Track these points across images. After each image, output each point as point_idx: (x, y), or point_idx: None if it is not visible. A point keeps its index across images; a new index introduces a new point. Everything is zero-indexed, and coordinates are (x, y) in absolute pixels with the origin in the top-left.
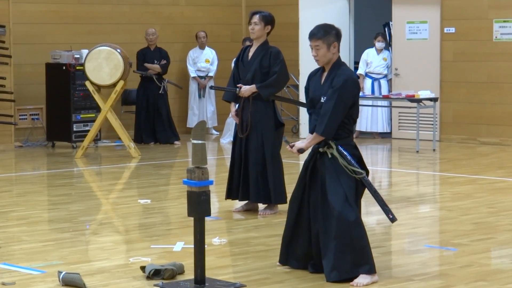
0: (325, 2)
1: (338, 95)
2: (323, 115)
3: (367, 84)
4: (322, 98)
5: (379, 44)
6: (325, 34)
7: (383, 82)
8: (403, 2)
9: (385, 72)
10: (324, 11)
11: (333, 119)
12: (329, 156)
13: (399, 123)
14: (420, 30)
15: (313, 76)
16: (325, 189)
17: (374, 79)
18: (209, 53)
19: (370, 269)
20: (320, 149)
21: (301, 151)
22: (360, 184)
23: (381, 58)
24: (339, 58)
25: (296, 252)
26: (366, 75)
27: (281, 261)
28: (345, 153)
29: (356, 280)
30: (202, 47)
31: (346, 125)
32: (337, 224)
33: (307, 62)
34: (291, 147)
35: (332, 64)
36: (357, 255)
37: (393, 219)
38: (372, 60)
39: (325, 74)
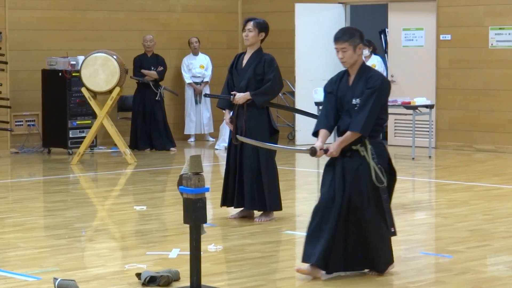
0: (321, 9)
1: (376, 95)
2: (360, 114)
3: None
4: (353, 100)
5: (364, 52)
6: (351, 36)
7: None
8: (399, 9)
9: None
10: (320, 18)
11: (370, 117)
12: (362, 154)
13: (395, 130)
14: (416, 37)
15: (338, 80)
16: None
17: None
18: (203, 59)
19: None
20: (353, 147)
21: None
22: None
23: (369, 65)
24: (363, 60)
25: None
26: None
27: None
28: (376, 155)
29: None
30: (195, 53)
31: (377, 125)
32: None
33: (303, 69)
34: (325, 152)
35: (360, 66)
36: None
37: (393, 233)
38: None
39: (353, 76)
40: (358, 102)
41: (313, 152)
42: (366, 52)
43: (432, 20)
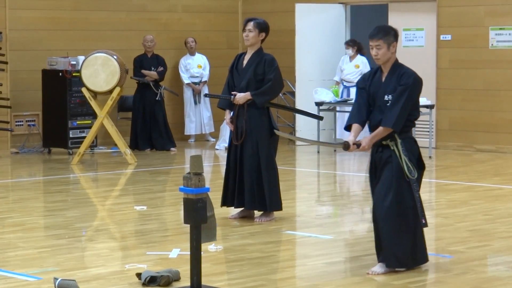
0: (321, 9)
1: (409, 91)
2: (393, 110)
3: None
4: (386, 96)
5: (348, 52)
6: (385, 34)
7: (334, 90)
8: (399, 9)
9: (357, 79)
10: (320, 18)
11: (402, 113)
12: (392, 148)
13: None
14: (416, 37)
15: (371, 76)
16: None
17: (344, 87)
18: (200, 59)
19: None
20: (384, 142)
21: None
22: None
23: (353, 65)
24: (396, 58)
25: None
26: (342, 82)
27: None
28: (405, 149)
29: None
30: (192, 53)
31: (408, 121)
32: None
33: (303, 69)
34: (358, 146)
35: (393, 64)
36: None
37: (424, 225)
38: (345, 67)
39: (386, 73)
40: (390, 99)
41: (346, 146)
42: (350, 52)
43: (432, 20)
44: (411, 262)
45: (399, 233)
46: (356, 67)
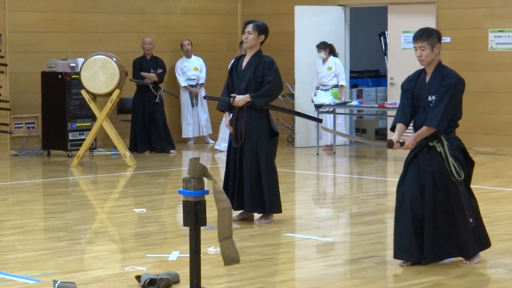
0: (321, 12)
1: (452, 92)
2: (436, 110)
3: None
4: (429, 97)
5: (320, 55)
6: (429, 36)
7: (334, 92)
8: (399, 12)
9: (332, 82)
10: (320, 20)
11: (445, 114)
12: (438, 150)
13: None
14: None
15: (415, 78)
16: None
17: (322, 91)
18: (196, 61)
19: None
20: (430, 143)
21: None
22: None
23: (325, 68)
24: (440, 59)
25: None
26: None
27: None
28: (452, 150)
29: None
30: (188, 56)
31: (451, 121)
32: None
33: (302, 71)
34: (402, 144)
35: (437, 65)
36: None
37: (472, 224)
38: (320, 71)
39: (429, 74)
40: (433, 99)
41: (390, 144)
42: (322, 54)
43: (431, 22)
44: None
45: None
46: (329, 69)
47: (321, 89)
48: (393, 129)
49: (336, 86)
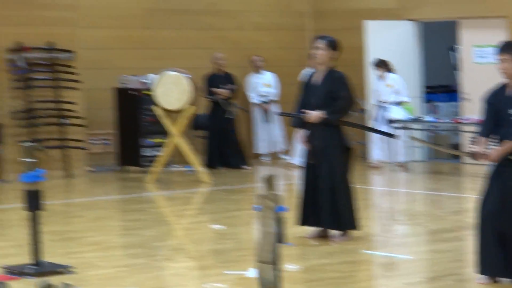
0: (391, 27)
1: None
2: None
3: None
4: (510, 110)
5: (377, 73)
6: None
7: (395, 109)
8: (470, 26)
9: (392, 98)
10: (390, 35)
11: None
12: None
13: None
14: (487, 54)
15: (499, 92)
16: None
17: (380, 107)
18: (268, 77)
19: None
20: (510, 157)
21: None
22: None
23: (383, 85)
24: None
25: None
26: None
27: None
28: None
29: None
30: (257, 72)
31: None
32: None
33: (374, 86)
34: (485, 157)
35: None
36: None
37: None
38: (378, 88)
39: (511, 87)
40: None
41: (474, 156)
42: (378, 72)
43: (503, 36)
44: None
45: None
46: (388, 86)
47: (380, 106)
48: (474, 141)
49: (398, 103)
